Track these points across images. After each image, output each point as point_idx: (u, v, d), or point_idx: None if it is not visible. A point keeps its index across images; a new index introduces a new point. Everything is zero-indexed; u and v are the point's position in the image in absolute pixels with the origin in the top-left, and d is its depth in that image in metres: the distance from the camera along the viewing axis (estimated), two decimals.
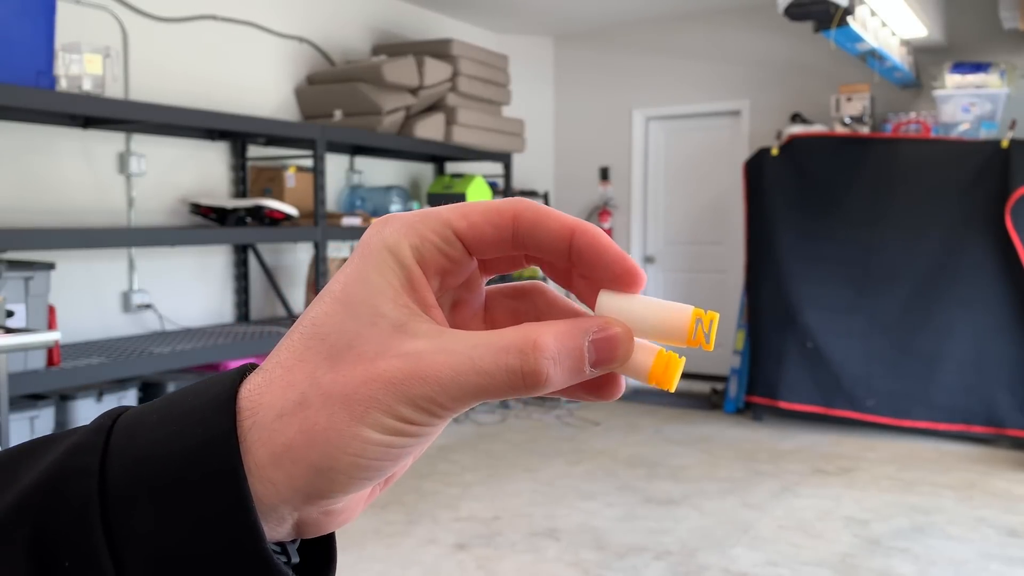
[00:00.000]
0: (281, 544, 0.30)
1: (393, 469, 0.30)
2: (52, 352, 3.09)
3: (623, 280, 0.30)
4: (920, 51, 5.31)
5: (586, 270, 0.31)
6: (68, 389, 3.20)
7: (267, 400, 0.28)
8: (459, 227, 0.30)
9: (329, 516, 0.30)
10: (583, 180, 6.66)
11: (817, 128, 5.31)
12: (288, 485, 0.28)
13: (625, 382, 0.32)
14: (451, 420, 0.30)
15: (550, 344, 0.28)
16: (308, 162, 4.62)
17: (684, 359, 0.30)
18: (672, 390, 0.30)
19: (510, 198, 0.31)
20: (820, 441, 4.83)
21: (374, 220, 0.31)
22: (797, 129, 5.32)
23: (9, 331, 2.76)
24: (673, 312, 0.29)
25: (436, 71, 4.78)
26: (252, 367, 0.30)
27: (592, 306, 0.31)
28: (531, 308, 0.34)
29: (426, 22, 5.81)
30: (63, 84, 3.25)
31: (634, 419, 5.39)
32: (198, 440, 0.27)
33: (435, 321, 0.29)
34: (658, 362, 0.29)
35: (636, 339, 0.30)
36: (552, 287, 0.36)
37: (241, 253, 4.48)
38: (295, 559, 0.31)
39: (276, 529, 0.29)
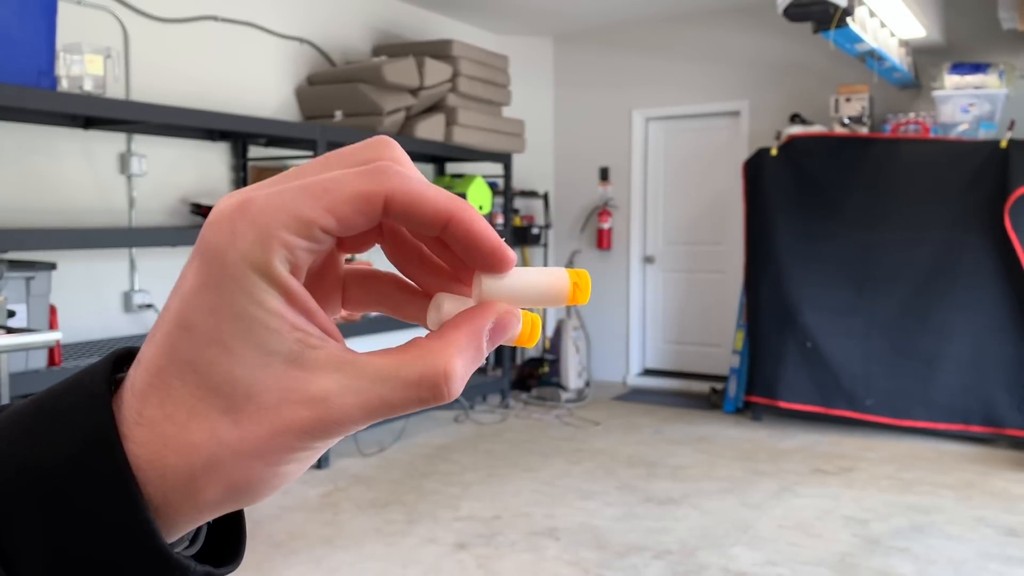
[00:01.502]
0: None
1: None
2: (53, 352, 3.10)
3: (495, 266, 0.30)
4: (919, 52, 5.31)
5: (459, 253, 0.29)
6: None
7: (172, 463, 0.26)
8: (327, 226, 0.27)
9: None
10: (583, 180, 6.67)
11: (816, 128, 5.32)
12: (205, 514, 0.28)
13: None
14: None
15: (459, 369, 0.28)
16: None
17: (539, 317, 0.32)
18: (531, 346, 0.32)
19: (379, 171, 0.28)
20: (819, 441, 4.84)
21: (212, 212, 0.28)
22: (796, 129, 5.33)
23: (10, 331, 2.76)
24: (552, 280, 0.31)
25: (436, 72, 4.79)
26: (123, 356, 0.29)
27: (433, 286, 0.32)
28: (384, 289, 0.33)
29: (426, 23, 5.81)
30: (64, 84, 3.26)
31: (634, 419, 5.40)
32: (79, 442, 0.26)
33: (323, 329, 0.28)
34: (524, 325, 0.31)
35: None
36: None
37: None
38: (201, 542, 0.31)
39: (186, 528, 0.29)
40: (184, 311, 0.27)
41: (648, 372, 6.59)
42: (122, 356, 0.29)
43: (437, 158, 5.71)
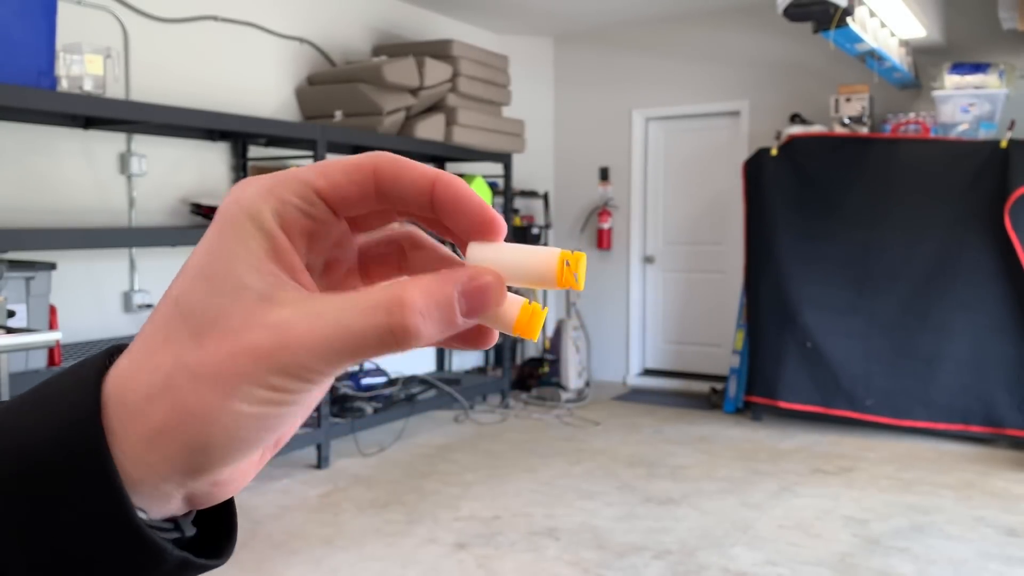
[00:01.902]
0: (173, 520, 0.30)
1: (274, 436, 0.29)
2: (53, 352, 3.10)
3: (484, 229, 0.30)
4: (919, 51, 5.31)
5: (449, 221, 0.30)
6: None
7: (133, 384, 0.27)
8: (320, 186, 0.29)
9: (218, 486, 0.30)
10: (583, 180, 6.67)
11: (816, 128, 5.32)
12: (166, 465, 0.27)
13: (496, 334, 0.31)
14: (335, 380, 0.30)
15: (417, 300, 0.27)
16: (309, 162, 4.62)
17: (547, 309, 0.30)
18: (535, 339, 0.30)
19: (370, 153, 0.30)
20: (819, 441, 4.84)
21: (232, 186, 0.30)
22: (796, 129, 5.33)
23: (10, 331, 2.76)
24: (541, 256, 0.29)
25: (436, 72, 4.79)
26: (120, 348, 0.29)
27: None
28: (403, 258, 0.33)
29: (426, 23, 5.82)
30: (64, 84, 3.26)
31: (634, 419, 5.40)
32: (63, 422, 0.27)
33: (303, 286, 0.28)
34: (523, 313, 0.29)
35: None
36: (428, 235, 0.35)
37: None
38: (189, 532, 0.31)
39: (165, 506, 0.29)
40: (188, 259, 0.29)
41: (648, 372, 6.59)
42: (118, 348, 0.29)
43: (437, 158, 5.71)
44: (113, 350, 0.29)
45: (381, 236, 0.34)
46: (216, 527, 0.32)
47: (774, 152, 5.26)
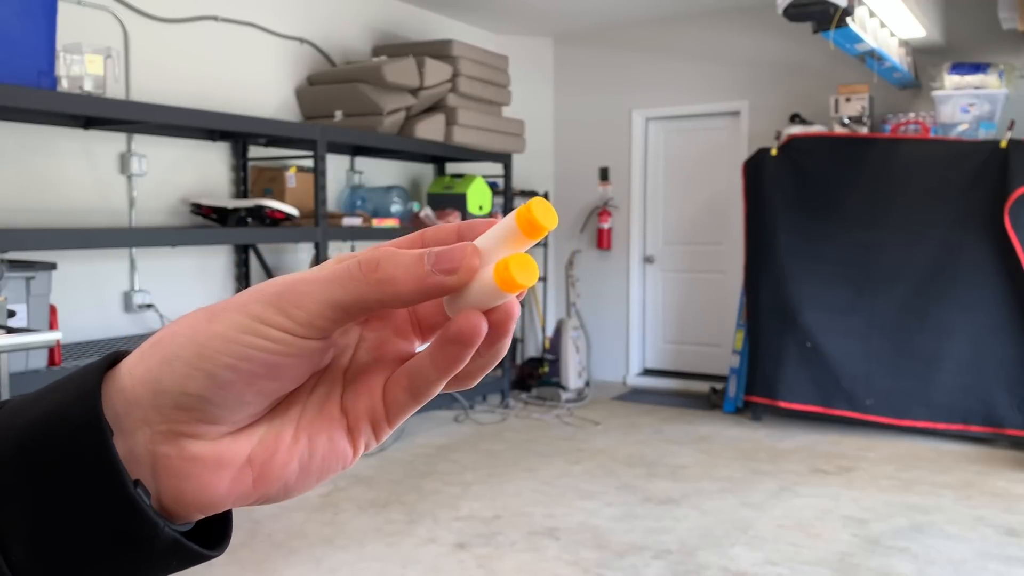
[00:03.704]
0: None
1: (267, 391, 0.31)
2: (53, 352, 3.10)
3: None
4: (919, 52, 5.32)
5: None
6: None
7: (147, 344, 0.31)
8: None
9: (196, 465, 0.31)
10: (583, 180, 6.67)
11: (816, 128, 5.33)
12: (154, 391, 0.30)
13: (480, 324, 0.31)
14: (338, 334, 0.32)
15: (386, 247, 0.31)
16: (309, 162, 4.63)
17: (530, 259, 0.30)
18: (527, 285, 0.30)
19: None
20: (819, 441, 4.84)
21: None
22: (796, 129, 5.33)
23: (10, 331, 2.76)
24: (503, 221, 0.31)
25: (436, 72, 4.79)
26: (119, 356, 0.32)
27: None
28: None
29: (426, 23, 5.82)
30: (64, 84, 3.26)
31: (633, 419, 5.40)
32: (64, 400, 0.29)
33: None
34: (498, 268, 0.30)
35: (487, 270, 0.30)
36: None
37: (242, 253, 4.49)
38: (185, 527, 0.32)
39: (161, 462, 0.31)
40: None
41: (648, 372, 6.60)
42: (121, 354, 0.32)
43: (437, 158, 5.72)
44: (119, 353, 0.32)
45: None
46: (213, 527, 0.34)
47: (774, 152, 5.26)
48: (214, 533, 0.33)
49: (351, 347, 0.34)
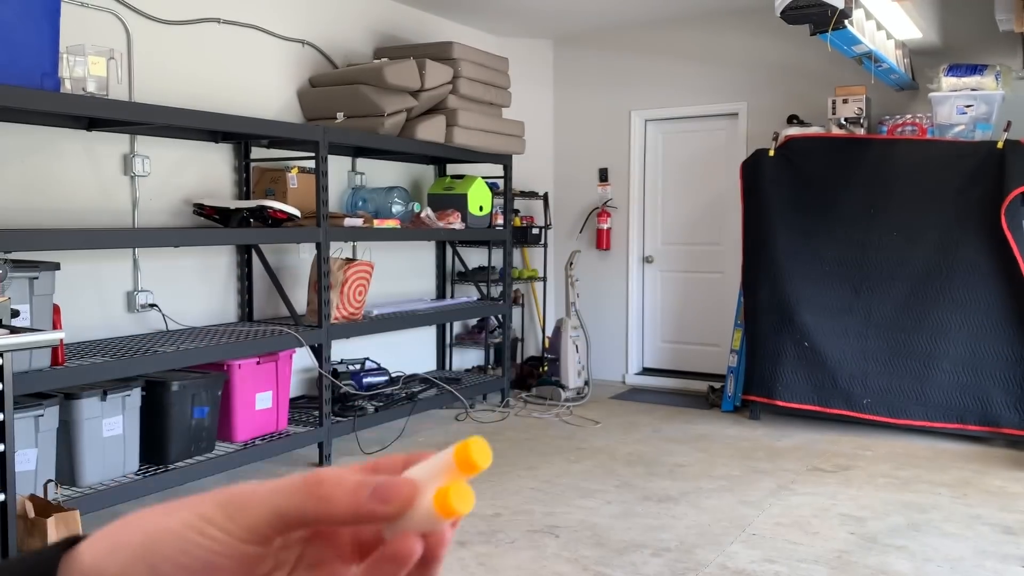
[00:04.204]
0: None
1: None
2: (57, 351, 3.13)
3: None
4: (916, 53, 5.35)
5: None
6: (73, 388, 3.24)
7: (89, 539, 0.33)
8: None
9: None
10: (582, 181, 6.70)
11: (813, 130, 5.35)
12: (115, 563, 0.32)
13: (414, 546, 0.34)
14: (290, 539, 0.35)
15: (329, 475, 0.33)
16: (310, 163, 4.66)
17: (468, 488, 0.32)
18: (463, 512, 0.32)
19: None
20: (817, 439, 4.87)
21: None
22: (794, 131, 5.36)
23: (14, 330, 2.79)
24: (440, 455, 0.33)
25: (437, 73, 4.81)
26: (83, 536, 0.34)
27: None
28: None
29: (427, 25, 5.85)
30: (68, 86, 3.28)
31: (633, 418, 5.43)
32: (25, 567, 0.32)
33: None
34: (438, 496, 0.32)
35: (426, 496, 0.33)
36: None
37: (244, 253, 4.52)
38: None
39: None
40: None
41: (647, 371, 6.62)
42: (79, 537, 0.34)
43: (438, 159, 5.74)
44: (76, 537, 0.34)
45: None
46: None
47: (771, 153, 5.29)
48: None
49: (290, 563, 0.36)
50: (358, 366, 5.02)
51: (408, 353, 5.79)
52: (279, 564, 0.35)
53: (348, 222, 4.52)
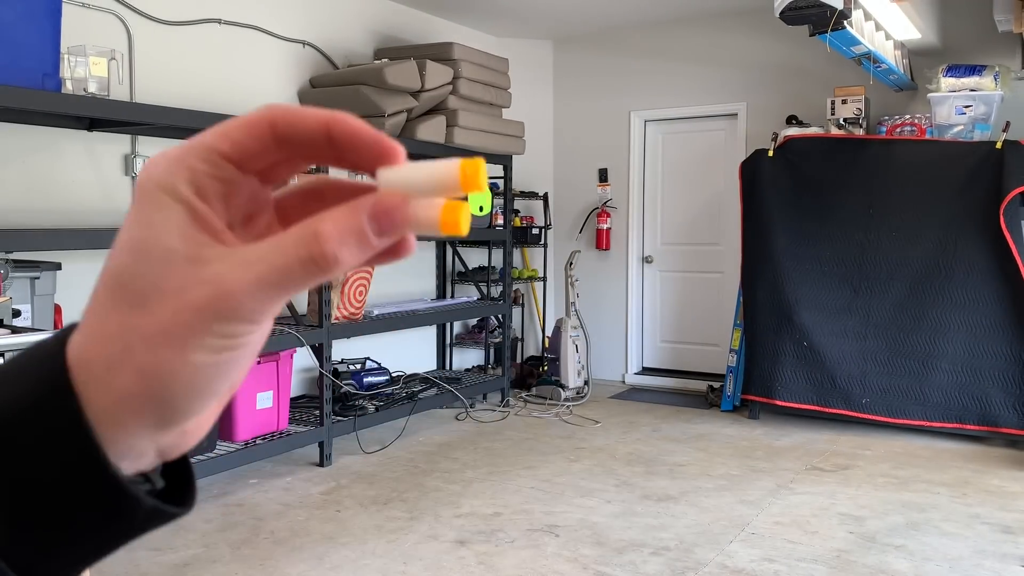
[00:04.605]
0: (144, 474, 0.32)
1: (232, 380, 0.31)
2: None
3: (383, 157, 0.32)
4: (915, 54, 5.36)
5: (351, 156, 0.32)
6: None
7: (92, 355, 0.29)
8: (223, 149, 0.30)
9: (185, 435, 0.32)
10: (582, 181, 6.71)
11: (812, 130, 5.37)
12: (138, 422, 0.30)
13: (414, 241, 0.33)
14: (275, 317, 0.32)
15: (329, 229, 0.29)
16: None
17: (469, 204, 0.32)
18: (463, 232, 0.31)
19: (264, 105, 0.31)
20: (816, 439, 4.88)
21: (145, 163, 0.33)
22: (793, 131, 5.37)
23: (15, 330, 2.80)
24: (443, 166, 0.31)
25: (437, 74, 4.82)
26: (73, 327, 0.31)
27: None
28: (324, 204, 0.33)
29: (427, 26, 5.86)
30: (69, 87, 3.29)
31: (632, 417, 5.44)
32: (32, 385, 0.29)
33: (226, 244, 0.30)
34: (445, 210, 0.31)
35: (421, 200, 0.31)
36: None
37: None
38: (160, 484, 0.33)
39: (139, 461, 0.31)
40: (116, 237, 0.31)
41: (646, 371, 6.63)
42: (73, 327, 0.32)
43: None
44: (68, 328, 0.32)
45: (296, 188, 0.35)
46: (176, 477, 0.35)
47: (771, 153, 5.30)
48: (178, 479, 0.34)
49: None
50: (359, 366, 5.03)
51: (408, 353, 5.80)
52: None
53: None
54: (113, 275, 0.30)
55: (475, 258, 6.36)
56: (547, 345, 6.21)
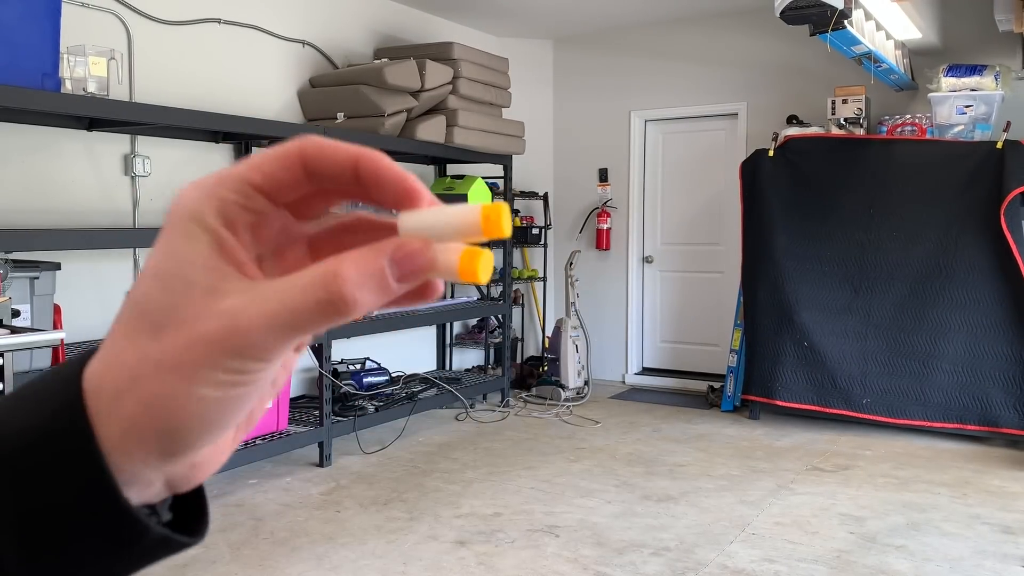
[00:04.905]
0: (151, 506, 0.32)
1: (242, 415, 0.31)
2: (57, 351, 3.13)
3: (407, 200, 0.31)
4: (915, 53, 5.35)
5: (375, 195, 0.31)
6: None
7: (105, 382, 0.29)
8: (254, 180, 0.30)
9: (196, 468, 0.32)
10: (582, 181, 6.71)
11: (813, 130, 5.36)
12: (143, 452, 0.29)
13: (441, 285, 0.32)
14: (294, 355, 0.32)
15: (350, 271, 0.29)
16: None
17: (490, 252, 0.31)
18: (482, 281, 0.31)
19: (296, 138, 0.31)
20: (816, 439, 4.87)
21: (178, 190, 0.32)
22: (793, 131, 5.37)
23: (15, 330, 2.80)
24: (464, 211, 0.31)
25: (437, 74, 4.82)
26: (92, 351, 0.31)
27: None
28: (356, 241, 0.33)
29: (427, 25, 5.85)
30: (68, 86, 3.29)
31: (632, 417, 5.43)
32: (47, 410, 0.29)
33: (250, 277, 0.30)
34: (464, 257, 0.30)
35: (441, 244, 0.31)
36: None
37: None
38: (166, 517, 0.33)
39: (146, 491, 0.31)
40: (144, 264, 0.31)
41: (647, 371, 6.63)
42: (93, 352, 0.32)
43: (437, 159, 5.75)
44: (88, 353, 0.31)
45: (332, 223, 0.34)
46: (189, 509, 0.34)
47: (771, 153, 5.30)
48: (190, 511, 0.34)
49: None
50: (358, 366, 5.02)
51: (408, 353, 5.79)
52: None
53: None
54: (135, 302, 0.30)
55: None
56: (547, 345, 6.21)
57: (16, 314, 3.02)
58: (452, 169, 5.96)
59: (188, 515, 0.34)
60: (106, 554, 0.30)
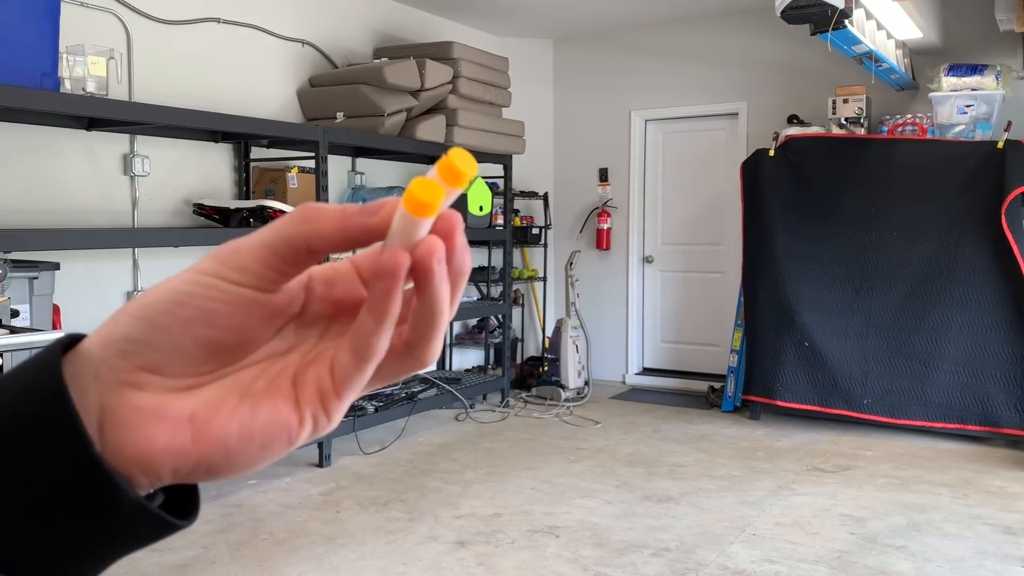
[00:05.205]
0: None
1: (194, 326, 0.31)
2: None
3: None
4: (916, 53, 5.35)
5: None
6: None
7: (79, 373, 0.31)
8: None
9: (136, 414, 0.32)
10: (582, 181, 6.70)
11: (814, 130, 5.35)
12: (103, 344, 0.31)
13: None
14: (283, 286, 0.33)
15: (317, 204, 0.32)
16: (310, 163, 4.66)
17: (435, 182, 0.31)
18: (431, 200, 0.31)
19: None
20: (817, 439, 4.87)
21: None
22: (794, 131, 5.36)
23: (14, 330, 2.79)
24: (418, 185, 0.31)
25: (437, 73, 4.81)
26: (76, 337, 0.32)
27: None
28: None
29: (427, 25, 5.85)
30: (67, 86, 3.29)
31: (633, 418, 5.43)
32: (27, 380, 0.30)
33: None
34: (404, 195, 0.31)
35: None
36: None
37: None
38: (158, 500, 0.33)
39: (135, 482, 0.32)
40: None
41: (647, 371, 6.62)
42: (76, 338, 0.33)
43: (437, 159, 5.72)
44: (72, 336, 0.32)
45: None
46: (181, 495, 0.35)
47: (772, 153, 5.29)
48: (183, 507, 0.34)
49: (312, 339, 0.35)
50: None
51: None
52: (301, 340, 0.34)
53: None
54: (127, 328, 0.31)
55: (475, 258, 6.35)
56: (547, 345, 6.20)
57: (15, 314, 3.02)
58: None
59: (180, 500, 0.34)
60: (81, 517, 0.30)
